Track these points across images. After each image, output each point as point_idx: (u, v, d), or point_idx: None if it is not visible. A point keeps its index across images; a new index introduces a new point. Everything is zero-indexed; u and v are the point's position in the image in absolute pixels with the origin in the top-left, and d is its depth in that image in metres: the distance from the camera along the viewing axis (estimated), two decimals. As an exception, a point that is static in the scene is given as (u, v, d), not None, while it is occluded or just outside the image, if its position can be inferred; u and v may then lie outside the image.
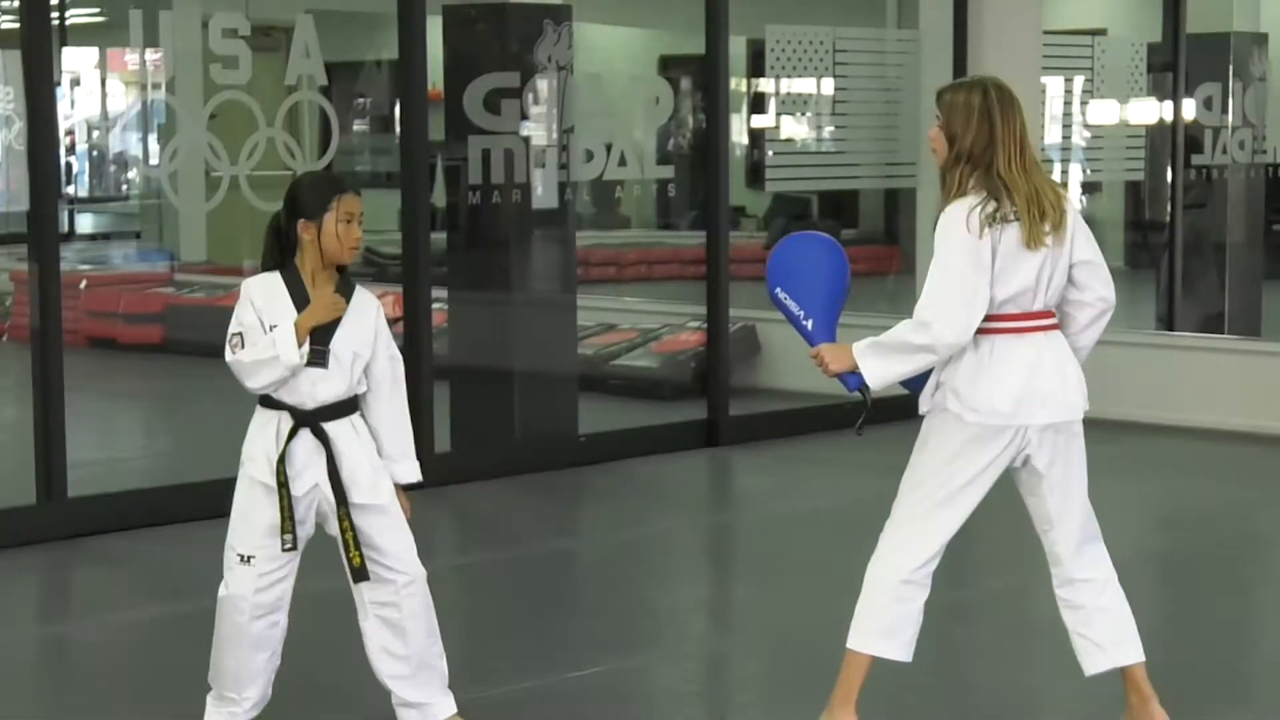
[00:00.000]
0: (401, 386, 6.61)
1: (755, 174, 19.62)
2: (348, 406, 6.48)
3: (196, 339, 16.54)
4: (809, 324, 6.45)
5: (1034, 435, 6.26)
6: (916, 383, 6.48)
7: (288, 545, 6.42)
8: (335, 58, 11.67)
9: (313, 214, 6.35)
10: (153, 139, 16.72)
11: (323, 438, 6.41)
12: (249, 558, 6.47)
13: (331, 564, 6.53)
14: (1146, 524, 10.58)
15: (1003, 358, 6.23)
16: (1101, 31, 17.62)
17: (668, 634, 8.53)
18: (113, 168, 23.17)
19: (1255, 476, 11.74)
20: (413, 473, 6.61)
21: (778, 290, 6.52)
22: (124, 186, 22.94)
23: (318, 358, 6.34)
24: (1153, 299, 15.87)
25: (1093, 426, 6.57)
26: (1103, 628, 6.48)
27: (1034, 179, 6.27)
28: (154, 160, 17.36)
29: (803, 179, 15.64)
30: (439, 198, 11.83)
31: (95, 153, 23.26)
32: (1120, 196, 20.69)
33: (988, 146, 6.25)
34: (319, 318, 6.32)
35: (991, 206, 6.18)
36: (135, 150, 22.04)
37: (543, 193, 11.81)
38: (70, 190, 21.70)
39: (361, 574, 6.49)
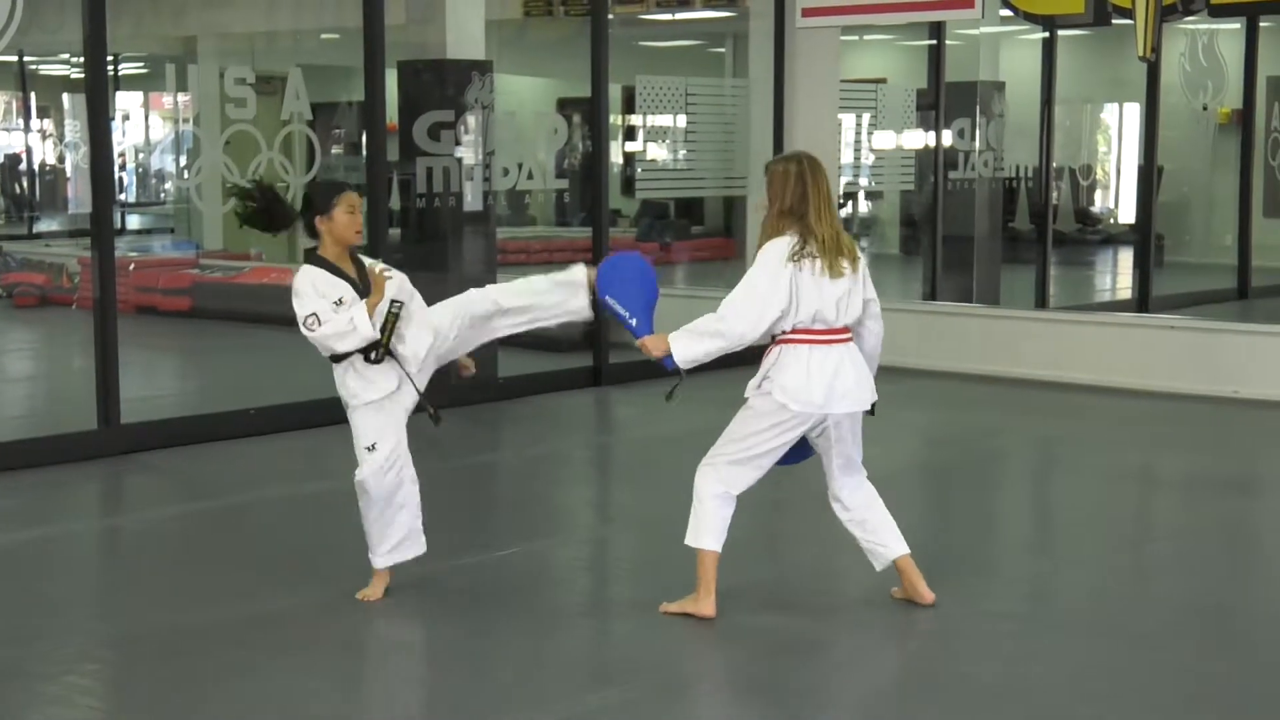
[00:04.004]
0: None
1: (628, 185, 19.66)
2: None
3: (216, 307, 16.45)
4: (634, 322, 6.52)
5: (833, 419, 6.36)
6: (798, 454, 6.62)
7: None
8: (318, 99, 11.61)
9: (324, 210, 6.43)
10: (183, 159, 16.59)
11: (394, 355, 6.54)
12: (374, 445, 6.58)
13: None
14: (917, 443, 10.66)
15: (817, 362, 6.34)
16: (883, 80, 17.68)
17: (565, 524, 8.55)
18: (153, 180, 22.99)
19: (994, 408, 11.85)
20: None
21: (607, 297, 6.58)
22: (162, 194, 22.77)
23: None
24: (920, 278, 15.96)
25: (883, 370, 6.65)
26: (883, 534, 6.59)
27: (835, 227, 6.36)
28: (184, 175, 17.20)
29: (663, 189, 15.70)
30: (395, 203, 11.78)
31: (140, 169, 23.06)
32: (896, 202, 20.82)
33: (802, 201, 6.29)
34: (378, 298, 6.41)
35: (800, 245, 6.26)
36: (170, 167, 21.87)
37: (471, 199, 11.76)
38: (122, 197, 21.50)
39: (438, 419, 6.68)
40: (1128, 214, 22.37)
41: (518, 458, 10.41)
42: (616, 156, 19.79)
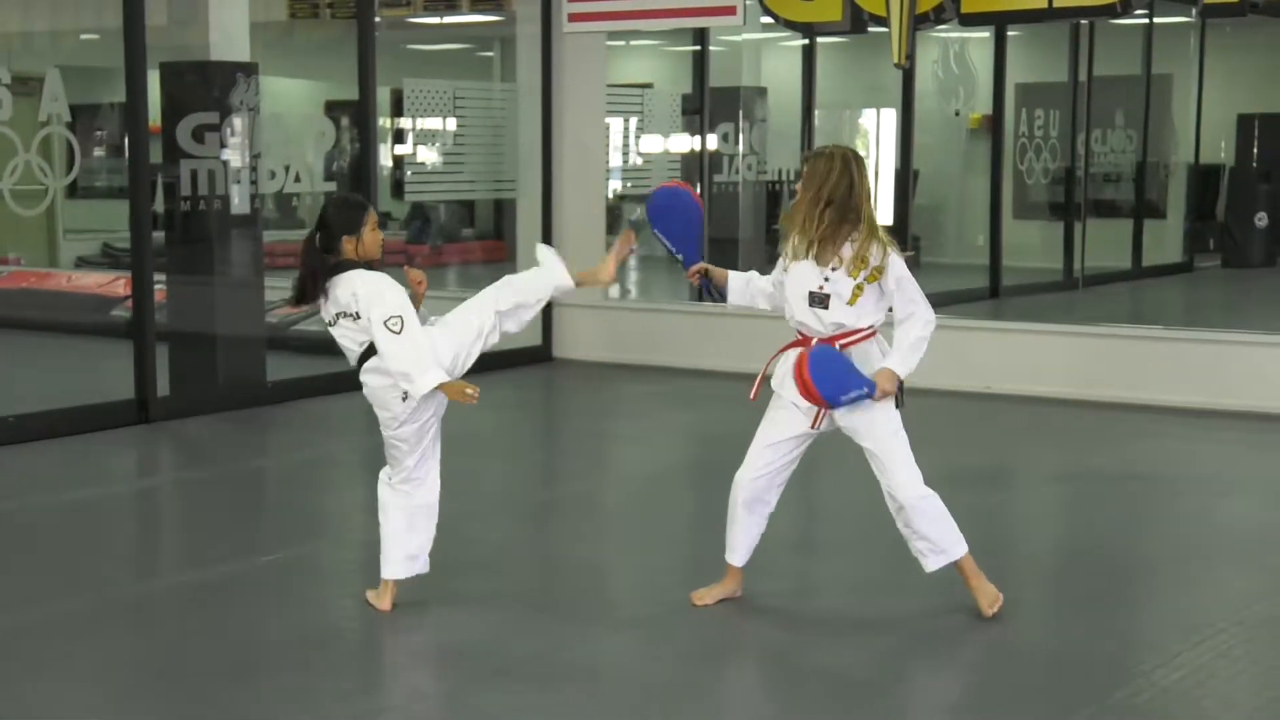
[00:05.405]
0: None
1: (398, 188, 19.48)
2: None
3: (-31, 312, 16.03)
4: (680, 256, 6.54)
5: None
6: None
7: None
8: (77, 100, 11.35)
9: (353, 230, 6.31)
10: (-63, 161, 16.09)
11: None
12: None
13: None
14: (683, 442, 10.71)
15: None
16: (649, 85, 17.78)
17: (334, 527, 8.46)
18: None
19: (756, 407, 11.95)
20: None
21: (656, 230, 6.56)
22: (-86, 197, 22.03)
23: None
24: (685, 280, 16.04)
25: (653, 371, 6.67)
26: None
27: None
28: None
29: (433, 192, 15.63)
30: (159, 206, 11.55)
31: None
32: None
33: (850, 195, 6.20)
34: (452, 394, 6.21)
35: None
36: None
37: (238, 202, 11.60)
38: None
39: None
40: (885, 216, 22.71)
41: (287, 462, 10.28)
42: (385, 159, 19.61)
